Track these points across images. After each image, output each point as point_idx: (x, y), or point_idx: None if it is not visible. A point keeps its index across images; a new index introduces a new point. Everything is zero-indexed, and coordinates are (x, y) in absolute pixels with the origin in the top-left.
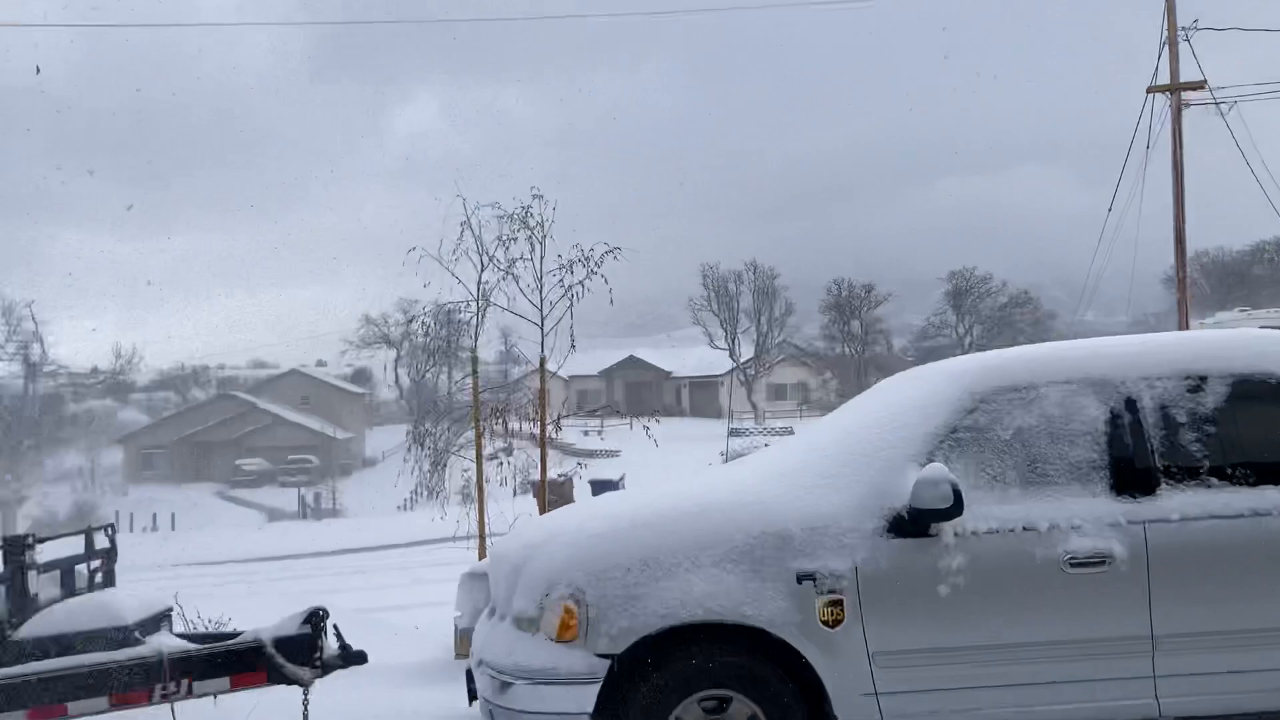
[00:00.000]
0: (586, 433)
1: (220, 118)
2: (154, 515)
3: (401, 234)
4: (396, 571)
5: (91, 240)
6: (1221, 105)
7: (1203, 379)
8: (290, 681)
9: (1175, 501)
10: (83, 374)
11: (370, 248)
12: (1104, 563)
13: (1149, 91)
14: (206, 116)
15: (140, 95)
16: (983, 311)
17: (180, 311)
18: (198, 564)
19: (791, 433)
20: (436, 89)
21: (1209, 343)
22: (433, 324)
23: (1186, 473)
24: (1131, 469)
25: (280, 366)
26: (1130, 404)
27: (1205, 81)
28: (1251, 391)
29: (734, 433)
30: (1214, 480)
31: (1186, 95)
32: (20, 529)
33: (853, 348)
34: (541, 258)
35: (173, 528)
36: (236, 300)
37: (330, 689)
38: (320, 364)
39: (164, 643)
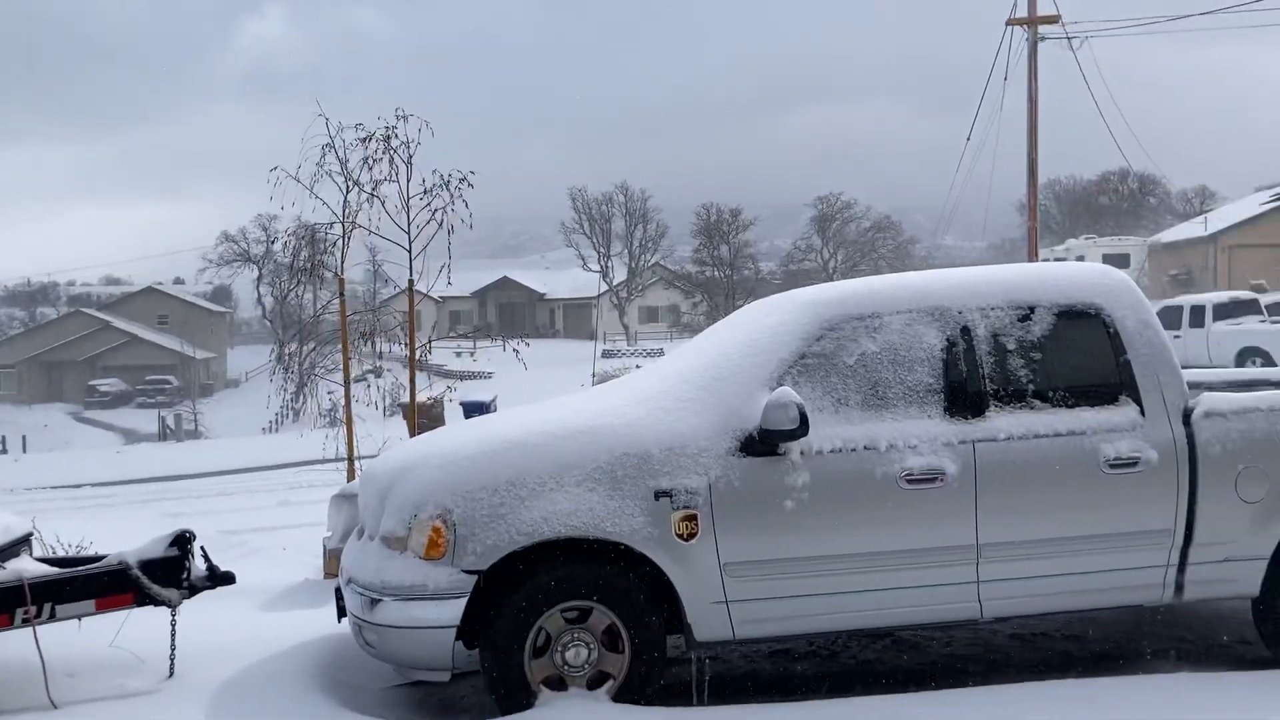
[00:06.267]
0: (459, 354)
1: (53, 19)
2: (3, 437)
3: (258, 150)
4: (262, 494)
5: None
6: (1073, 40)
7: (1031, 309)
8: (158, 603)
9: (1002, 422)
10: None
11: (227, 163)
12: (937, 479)
13: (1008, 24)
14: (36, 18)
15: None
16: (847, 236)
17: (24, 224)
18: (54, 488)
19: (662, 354)
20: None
21: (1038, 275)
22: (297, 243)
23: (1013, 396)
24: (964, 392)
25: (135, 284)
26: (964, 332)
27: (1060, 16)
28: (1073, 321)
29: (606, 354)
30: (1037, 402)
31: (1042, 29)
32: None
33: (722, 271)
34: (408, 179)
35: (24, 450)
36: (86, 214)
37: (199, 610)
38: (178, 281)
39: (24, 568)
